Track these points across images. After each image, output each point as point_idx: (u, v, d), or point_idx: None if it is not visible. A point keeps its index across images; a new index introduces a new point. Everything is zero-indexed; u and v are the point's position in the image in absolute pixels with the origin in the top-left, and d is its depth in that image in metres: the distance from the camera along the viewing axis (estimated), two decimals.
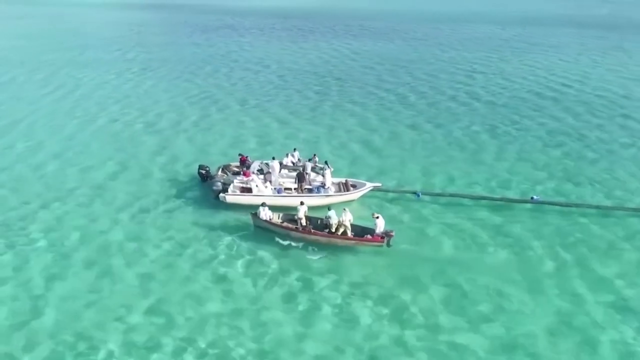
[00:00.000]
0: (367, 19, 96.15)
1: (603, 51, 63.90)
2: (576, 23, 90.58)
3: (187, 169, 27.67)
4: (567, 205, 23.49)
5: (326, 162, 24.74)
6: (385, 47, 66.09)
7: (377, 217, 20.29)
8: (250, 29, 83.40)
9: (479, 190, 25.28)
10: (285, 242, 20.61)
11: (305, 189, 23.62)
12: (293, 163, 26.14)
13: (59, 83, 46.78)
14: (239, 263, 19.50)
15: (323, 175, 23.88)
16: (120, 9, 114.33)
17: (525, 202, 23.91)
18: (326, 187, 23.57)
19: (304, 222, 20.80)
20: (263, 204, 21.32)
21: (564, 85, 46.51)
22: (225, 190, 23.35)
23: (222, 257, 19.90)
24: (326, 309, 17.06)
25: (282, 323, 16.43)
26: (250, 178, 23.48)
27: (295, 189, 23.81)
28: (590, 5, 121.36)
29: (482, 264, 19.51)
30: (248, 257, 19.87)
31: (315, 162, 25.48)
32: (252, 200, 22.60)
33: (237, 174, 25.33)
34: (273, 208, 21.87)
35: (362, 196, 23.78)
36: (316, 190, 23.40)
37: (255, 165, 24.73)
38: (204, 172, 25.70)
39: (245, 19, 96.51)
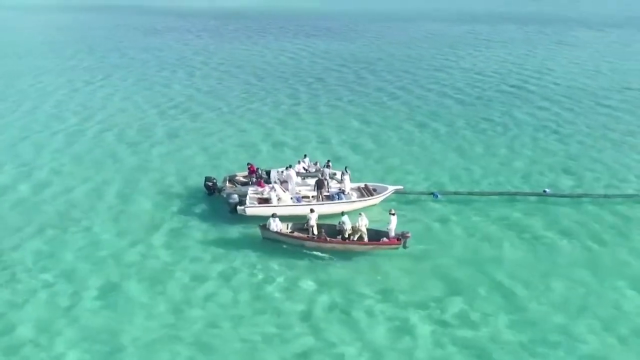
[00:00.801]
0: (317, 19, 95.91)
1: (551, 44, 67.65)
2: (514, 20, 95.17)
3: (184, 183, 25.67)
4: (578, 196, 24.19)
5: (345, 168, 23.84)
6: (347, 47, 65.87)
7: (394, 214, 19.66)
8: (201, 31, 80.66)
9: (482, 186, 25.53)
10: (299, 253, 19.44)
11: (324, 196, 22.68)
12: (305, 170, 25.08)
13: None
14: (266, 279, 18.13)
15: (342, 181, 23.02)
16: (51, 12, 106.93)
17: (539, 194, 24.36)
18: (346, 192, 22.77)
19: (315, 230, 19.87)
20: (273, 215, 20.08)
21: (531, 77, 48.48)
22: (242, 202, 21.94)
23: (245, 274, 18.39)
24: (380, 322, 16.08)
25: (339, 341, 15.36)
26: (269, 188, 22.21)
27: (314, 196, 22.81)
28: (519, 3, 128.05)
29: (514, 258, 19.30)
30: (271, 272, 18.49)
31: (330, 167, 24.59)
32: (270, 211, 21.31)
33: (245, 184, 23.93)
34: (284, 218, 20.70)
35: (383, 200, 23.21)
36: (337, 197, 22.49)
37: (275, 175, 23.44)
38: (210, 184, 24.00)
39: (192, 21, 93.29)
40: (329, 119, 36.39)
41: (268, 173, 24.14)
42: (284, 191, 22.32)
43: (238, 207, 21.62)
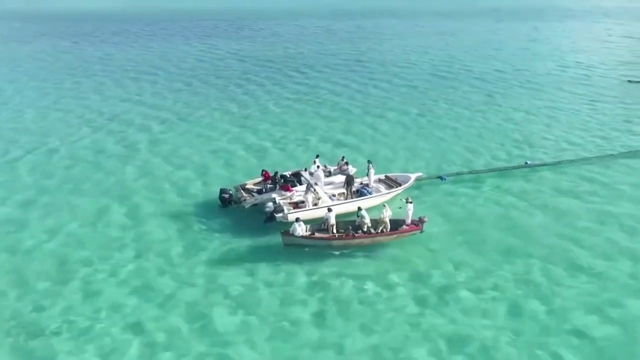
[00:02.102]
0: (198, 20, 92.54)
1: (446, 35, 74.50)
2: (391, 14, 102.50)
3: (186, 197, 23.50)
4: (555, 163, 27.39)
5: (369, 161, 23.81)
6: (252, 47, 65.28)
7: (411, 202, 20.17)
8: (114, 35, 72.98)
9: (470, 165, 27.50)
10: (328, 254, 19.03)
11: (353, 192, 22.50)
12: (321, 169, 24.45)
13: None
14: (309, 287, 17.27)
15: (368, 175, 23.08)
16: None
17: (522, 167, 27.04)
18: (370, 186, 22.87)
19: (334, 229, 19.67)
20: (297, 219, 19.42)
21: (442, 63, 53.12)
22: (278, 210, 20.83)
23: (285, 286, 17.32)
24: (428, 304, 16.30)
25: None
26: (307, 189, 21.34)
27: (342, 194, 22.48)
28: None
29: (528, 228, 20.85)
30: (318, 276, 17.78)
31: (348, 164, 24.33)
32: (316, 214, 20.67)
33: (260, 191, 22.72)
34: (309, 221, 20.21)
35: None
36: (366, 192, 22.47)
37: (308, 176, 22.45)
38: (227, 196, 22.32)
39: (100, 26, 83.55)
40: (287, 117, 35.67)
41: (283, 177, 23.15)
42: (313, 193, 21.64)
43: (277, 215, 20.50)
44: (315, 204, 21.14)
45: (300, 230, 19.27)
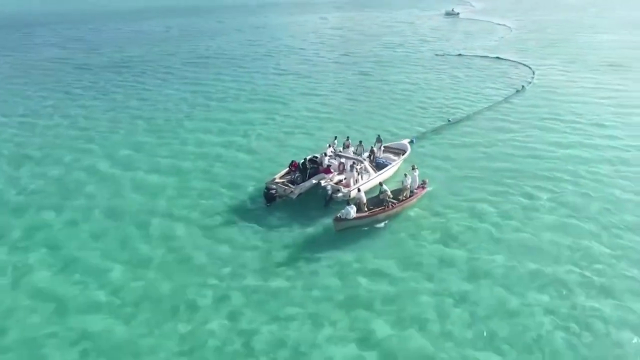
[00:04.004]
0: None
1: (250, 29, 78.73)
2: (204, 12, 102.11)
3: (215, 200, 23.12)
4: (464, 118, 35.06)
5: (379, 136, 26.86)
6: (89, 55, 58.88)
7: (416, 168, 22.77)
8: None
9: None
10: (374, 230, 20.40)
11: (374, 165, 25.21)
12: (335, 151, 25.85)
13: None
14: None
15: (379, 149, 26.09)
16: None
17: (447, 124, 33.56)
18: (381, 157, 26.11)
19: (366, 207, 20.95)
20: (348, 202, 20.45)
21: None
22: (335, 190, 22.74)
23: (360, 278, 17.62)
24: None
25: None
26: (353, 166, 23.29)
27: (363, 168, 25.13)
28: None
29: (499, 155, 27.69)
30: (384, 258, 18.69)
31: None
32: (370, 185, 23.19)
33: (292, 182, 23.85)
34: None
35: None
36: (386, 163, 25.09)
37: (346, 153, 24.57)
38: (273, 192, 23.08)
39: None
40: (215, 115, 35.66)
41: (313, 160, 24.58)
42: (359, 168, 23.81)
43: (337, 195, 22.31)
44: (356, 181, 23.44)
45: (353, 212, 20.06)
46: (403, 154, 26.56)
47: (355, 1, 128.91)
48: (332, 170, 23.86)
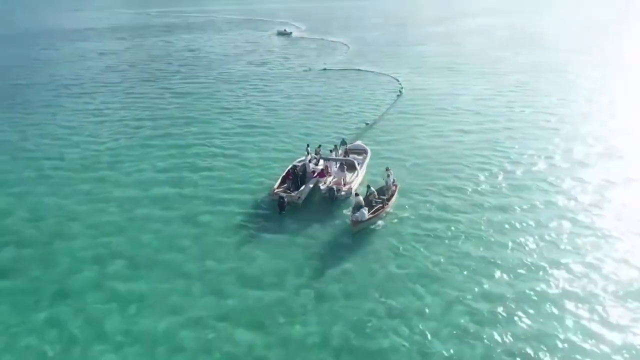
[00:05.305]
0: None
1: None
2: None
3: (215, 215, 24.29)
4: (379, 119, 40.84)
5: (343, 139, 29.97)
6: None
7: (389, 169, 26.04)
8: None
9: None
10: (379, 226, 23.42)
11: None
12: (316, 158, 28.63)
13: None
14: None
15: (341, 151, 29.78)
16: None
17: (365, 127, 39.01)
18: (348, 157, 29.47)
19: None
20: (361, 206, 22.87)
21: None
22: (337, 190, 25.58)
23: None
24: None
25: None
26: (342, 167, 26.51)
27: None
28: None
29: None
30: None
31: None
32: (357, 182, 26.72)
33: (289, 189, 26.03)
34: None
35: None
36: (357, 162, 28.45)
37: (334, 156, 28.09)
38: (284, 200, 24.87)
39: None
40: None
41: (302, 170, 27.07)
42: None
43: (339, 194, 25.36)
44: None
45: (366, 213, 22.60)
46: (365, 154, 30.51)
47: (183, 24, 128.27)
48: (325, 173, 26.79)
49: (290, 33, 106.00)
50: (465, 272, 19.94)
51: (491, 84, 53.41)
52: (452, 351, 15.89)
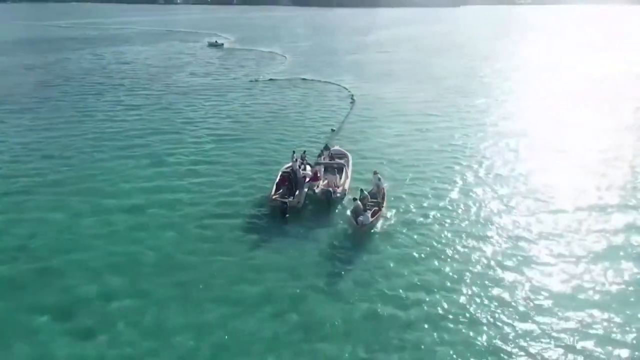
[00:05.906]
0: None
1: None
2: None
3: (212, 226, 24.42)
4: (343, 124, 42.85)
5: (327, 144, 31.25)
6: None
7: (377, 173, 26.59)
8: None
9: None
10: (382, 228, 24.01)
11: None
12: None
13: None
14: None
15: (325, 156, 30.95)
16: None
17: (331, 131, 40.90)
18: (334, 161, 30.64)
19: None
20: (366, 209, 23.19)
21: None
22: (332, 192, 26.88)
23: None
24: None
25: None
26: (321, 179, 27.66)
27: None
28: None
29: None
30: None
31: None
32: (349, 180, 28.30)
33: (284, 194, 27.02)
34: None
35: None
36: (344, 165, 29.63)
37: (322, 160, 29.01)
38: (285, 206, 25.58)
39: None
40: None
41: (294, 175, 28.05)
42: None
43: (334, 195, 26.28)
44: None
45: (369, 216, 22.95)
46: (347, 158, 31.84)
47: (104, 37, 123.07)
48: (317, 177, 28.07)
49: (222, 44, 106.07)
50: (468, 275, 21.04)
51: (432, 87, 57.83)
52: None
